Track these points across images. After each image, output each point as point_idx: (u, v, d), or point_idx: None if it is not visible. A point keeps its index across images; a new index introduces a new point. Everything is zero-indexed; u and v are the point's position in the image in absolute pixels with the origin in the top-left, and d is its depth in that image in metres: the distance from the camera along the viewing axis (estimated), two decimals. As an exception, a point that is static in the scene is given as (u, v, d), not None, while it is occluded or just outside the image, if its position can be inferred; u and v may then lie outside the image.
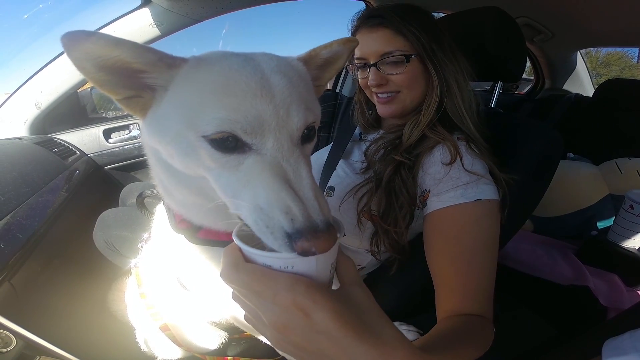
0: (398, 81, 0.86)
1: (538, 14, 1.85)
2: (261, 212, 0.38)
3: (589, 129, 2.05)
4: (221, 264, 0.39)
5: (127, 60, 0.39)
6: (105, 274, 1.32)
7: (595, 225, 1.70)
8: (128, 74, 0.41)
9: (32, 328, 0.82)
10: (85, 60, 0.38)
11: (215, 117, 0.39)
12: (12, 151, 1.29)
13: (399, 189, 0.81)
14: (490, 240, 0.73)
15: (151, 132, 0.46)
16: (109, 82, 0.41)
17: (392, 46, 0.83)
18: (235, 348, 1.00)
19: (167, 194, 0.57)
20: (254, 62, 0.42)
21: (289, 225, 0.36)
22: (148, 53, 0.40)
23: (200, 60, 0.43)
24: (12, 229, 0.95)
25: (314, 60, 0.53)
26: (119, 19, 1.43)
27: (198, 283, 0.72)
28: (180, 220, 0.59)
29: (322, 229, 0.36)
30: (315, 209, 0.37)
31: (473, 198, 0.72)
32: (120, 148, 1.77)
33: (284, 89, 0.41)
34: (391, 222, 0.82)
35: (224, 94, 0.39)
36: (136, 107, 0.45)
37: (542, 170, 0.88)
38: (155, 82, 0.43)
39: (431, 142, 0.82)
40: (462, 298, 0.69)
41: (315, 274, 0.37)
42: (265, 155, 0.40)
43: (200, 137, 0.40)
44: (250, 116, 0.39)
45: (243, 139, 0.39)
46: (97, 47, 0.37)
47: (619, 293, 1.34)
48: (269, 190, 0.38)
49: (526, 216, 0.96)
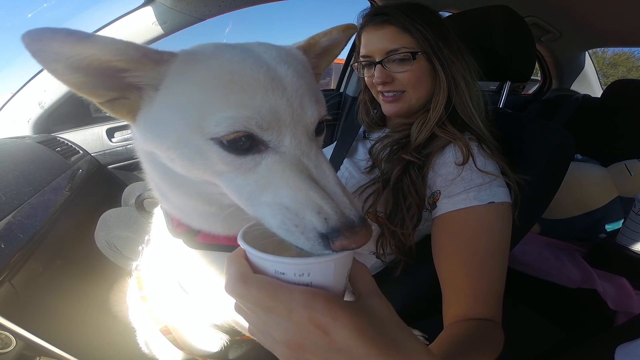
0: (404, 80, 0.85)
1: (546, 14, 1.84)
2: (288, 212, 0.35)
3: (597, 130, 2.04)
4: (225, 274, 0.36)
5: (106, 59, 0.35)
6: (106, 275, 1.31)
7: (604, 228, 1.68)
8: (108, 73, 0.37)
9: (33, 329, 0.82)
10: (55, 61, 0.33)
11: (225, 115, 0.35)
12: (14, 150, 1.29)
13: (407, 190, 0.80)
14: (502, 243, 0.72)
15: (146, 138, 0.42)
16: (87, 84, 0.37)
17: (398, 43, 0.83)
18: (237, 351, 0.99)
19: (164, 198, 0.55)
20: (253, 53, 0.39)
21: (322, 226, 0.34)
22: (129, 49, 0.36)
23: (193, 55, 0.40)
24: (14, 228, 0.94)
25: (314, 48, 0.51)
26: (121, 18, 1.42)
27: (198, 287, 0.71)
28: (178, 224, 0.57)
29: (358, 223, 0.34)
30: (346, 205, 0.35)
31: (486, 201, 0.71)
32: (123, 147, 1.76)
33: (293, 81, 0.38)
34: (398, 223, 0.80)
35: (231, 90, 0.36)
36: (122, 110, 0.41)
37: (553, 171, 0.86)
38: (141, 81, 0.39)
39: (442, 141, 0.81)
40: (473, 302, 0.68)
41: (332, 283, 0.35)
42: (284, 154, 0.37)
43: (209, 140, 0.37)
44: (264, 111, 0.36)
45: (260, 136, 0.37)
46: (66, 46, 0.32)
47: (628, 297, 1.33)
48: (295, 190, 0.35)
49: (536, 218, 0.94)
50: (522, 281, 1.41)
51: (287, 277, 0.34)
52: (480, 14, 1.04)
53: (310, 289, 0.33)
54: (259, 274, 0.35)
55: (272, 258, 0.34)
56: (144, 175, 0.55)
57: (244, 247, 0.36)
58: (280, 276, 0.34)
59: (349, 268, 0.37)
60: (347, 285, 0.38)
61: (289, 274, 0.34)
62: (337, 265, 0.35)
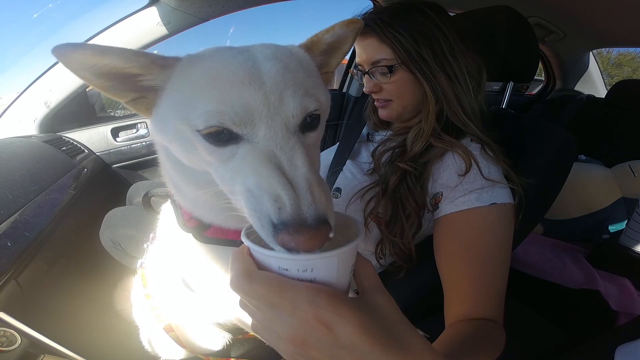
0: (389, 89, 0.86)
1: (550, 14, 1.84)
2: (251, 195, 0.36)
3: (601, 130, 2.03)
4: (230, 270, 0.37)
5: (120, 67, 0.40)
6: (111, 273, 1.33)
7: (607, 229, 1.68)
8: (126, 78, 0.42)
9: (37, 327, 0.83)
10: (82, 70, 0.39)
11: (204, 110, 0.38)
12: (21, 149, 1.30)
13: (405, 199, 0.79)
14: (504, 244, 0.72)
15: (157, 130, 0.47)
16: (111, 87, 0.43)
17: (378, 54, 0.83)
18: (239, 349, 1.00)
19: (177, 190, 0.58)
20: (247, 53, 0.41)
21: (275, 215, 0.34)
22: (138, 57, 0.41)
23: (194, 57, 0.43)
24: (20, 227, 0.95)
25: (318, 45, 0.51)
26: (126, 18, 1.43)
27: (203, 284, 0.72)
28: (189, 218, 0.59)
29: (310, 224, 0.33)
30: (307, 202, 0.34)
31: (488, 202, 0.71)
32: (127, 147, 1.78)
33: (276, 75, 0.39)
34: (397, 233, 0.80)
35: (212, 87, 0.39)
36: (142, 108, 0.46)
37: (556, 171, 0.86)
38: (153, 84, 0.44)
39: (439, 150, 0.80)
40: (475, 302, 0.68)
41: (336, 278, 0.35)
42: (257, 144, 0.38)
43: (195, 132, 0.40)
44: (237, 106, 0.37)
45: (234, 130, 0.38)
46: (86, 57, 0.38)
47: (630, 297, 1.33)
48: (259, 177, 0.36)
49: (538, 219, 0.95)
50: (524, 282, 1.41)
51: (290, 273, 0.34)
52: (483, 15, 1.04)
53: (315, 285, 0.34)
54: (264, 270, 0.36)
55: (275, 254, 0.35)
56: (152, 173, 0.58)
57: (247, 244, 0.36)
58: (284, 272, 0.35)
59: (352, 263, 0.37)
60: (351, 281, 0.38)
61: (292, 270, 0.34)
62: (340, 261, 0.35)
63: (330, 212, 0.36)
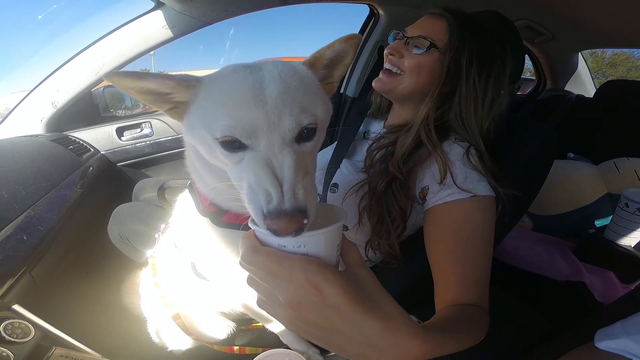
0: (410, 63, 0.89)
1: (538, 16, 1.88)
2: (251, 190, 0.45)
3: (589, 129, 2.07)
4: (240, 248, 0.45)
5: (154, 88, 0.51)
6: (118, 268, 1.36)
7: (593, 224, 1.74)
8: (161, 94, 0.53)
9: (48, 319, 0.86)
10: (128, 89, 0.50)
11: (222, 124, 0.47)
12: (30, 148, 1.33)
13: (390, 204, 0.85)
14: (485, 233, 0.76)
15: (187, 133, 0.57)
16: (152, 101, 0.53)
17: (434, 34, 0.87)
18: (243, 338, 1.04)
19: (200, 180, 0.67)
20: (258, 74, 0.49)
21: (265, 205, 0.42)
22: (166, 80, 0.51)
23: (214, 78, 0.52)
24: (34, 221, 0.98)
25: (320, 61, 0.57)
26: (132, 21, 1.47)
27: (213, 267, 0.78)
28: (209, 204, 0.68)
29: (289, 212, 0.41)
30: (288, 196, 0.42)
31: (469, 194, 0.76)
32: (132, 146, 1.82)
33: (277, 97, 0.47)
34: (383, 235, 0.87)
35: (229, 105, 0.47)
36: (176, 116, 0.57)
37: (537, 167, 0.91)
38: (181, 99, 0.54)
39: (424, 153, 0.85)
40: (459, 289, 0.72)
41: (324, 253, 0.43)
42: (258, 152, 0.47)
43: (214, 139, 0.48)
44: (245, 122, 0.46)
45: (242, 141, 0.47)
46: (127, 82, 0.49)
47: (614, 289, 1.38)
48: (257, 177, 0.45)
49: (521, 213, 0.98)
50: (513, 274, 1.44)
51: (287, 248, 0.43)
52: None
53: (307, 257, 0.42)
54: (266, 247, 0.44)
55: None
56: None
57: (253, 228, 0.45)
58: (282, 248, 0.43)
59: (338, 243, 0.46)
60: (338, 259, 0.47)
61: (289, 246, 0.43)
62: (326, 238, 0.43)
63: (311, 205, 0.44)
